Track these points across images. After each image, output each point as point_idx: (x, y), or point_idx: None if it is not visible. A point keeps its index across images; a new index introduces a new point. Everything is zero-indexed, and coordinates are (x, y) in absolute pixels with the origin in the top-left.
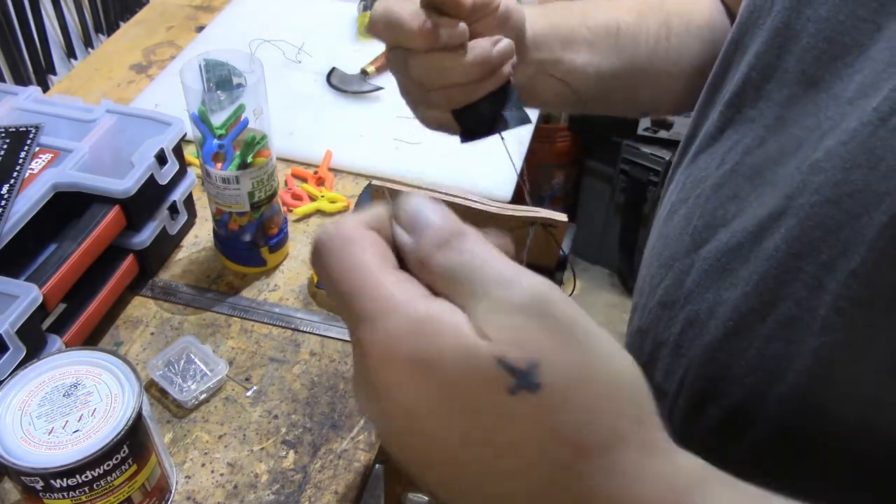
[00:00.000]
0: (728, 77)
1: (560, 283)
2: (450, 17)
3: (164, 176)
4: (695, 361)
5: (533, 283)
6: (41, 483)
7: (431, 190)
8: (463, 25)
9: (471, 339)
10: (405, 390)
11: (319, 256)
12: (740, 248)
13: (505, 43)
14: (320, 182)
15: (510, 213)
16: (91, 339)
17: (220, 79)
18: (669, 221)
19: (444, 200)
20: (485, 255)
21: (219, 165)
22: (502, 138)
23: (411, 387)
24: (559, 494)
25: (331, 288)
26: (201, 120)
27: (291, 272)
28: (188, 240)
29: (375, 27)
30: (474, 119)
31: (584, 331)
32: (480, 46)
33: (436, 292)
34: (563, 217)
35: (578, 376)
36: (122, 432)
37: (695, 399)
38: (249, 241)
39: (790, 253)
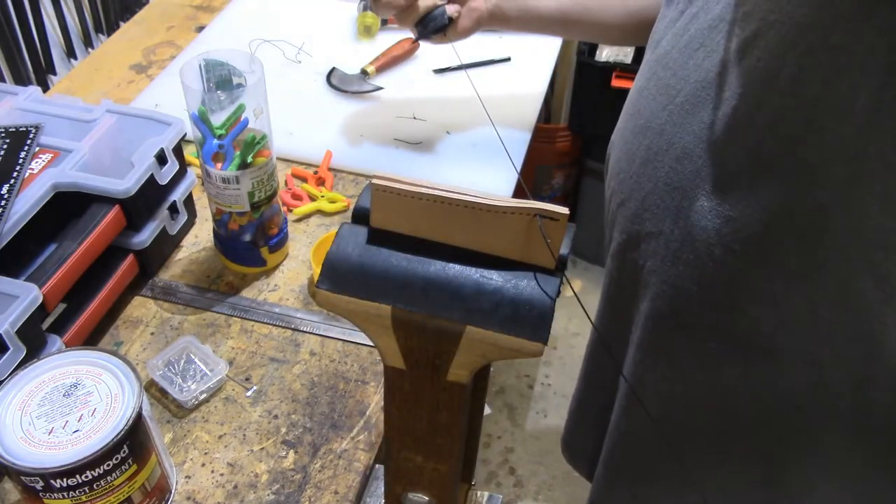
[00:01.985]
0: None
1: (561, 282)
2: None
3: (164, 176)
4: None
5: None
6: (41, 483)
7: (429, 186)
8: None
9: None
10: None
11: None
12: (718, 76)
13: None
14: (320, 182)
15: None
16: (91, 339)
17: (220, 79)
18: (640, 98)
19: (441, 197)
20: None
21: (219, 165)
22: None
23: None
24: None
25: None
26: (201, 120)
27: (291, 272)
28: (188, 240)
29: None
30: (423, 25)
31: None
32: None
33: None
34: (564, 210)
35: None
36: (122, 432)
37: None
38: (249, 241)
39: (773, 57)
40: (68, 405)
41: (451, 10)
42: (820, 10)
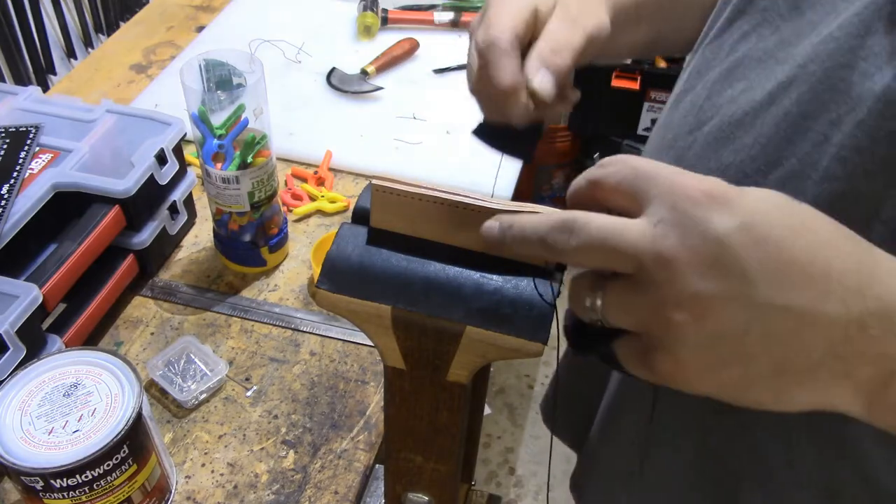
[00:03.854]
0: None
1: (560, 282)
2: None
3: (164, 176)
4: None
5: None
6: (41, 483)
7: (429, 187)
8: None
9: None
10: (739, 216)
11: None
12: (745, 117)
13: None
14: (320, 182)
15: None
16: (91, 339)
17: (220, 79)
18: (674, 110)
19: (441, 198)
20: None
21: (219, 165)
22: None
23: (772, 207)
24: (864, 255)
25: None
26: (201, 120)
27: (291, 272)
28: (188, 240)
29: (484, 49)
30: (496, 134)
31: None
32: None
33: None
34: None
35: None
36: (122, 432)
37: None
38: (249, 241)
39: (799, 114)
40: (68, 405)
41: (546, 85)
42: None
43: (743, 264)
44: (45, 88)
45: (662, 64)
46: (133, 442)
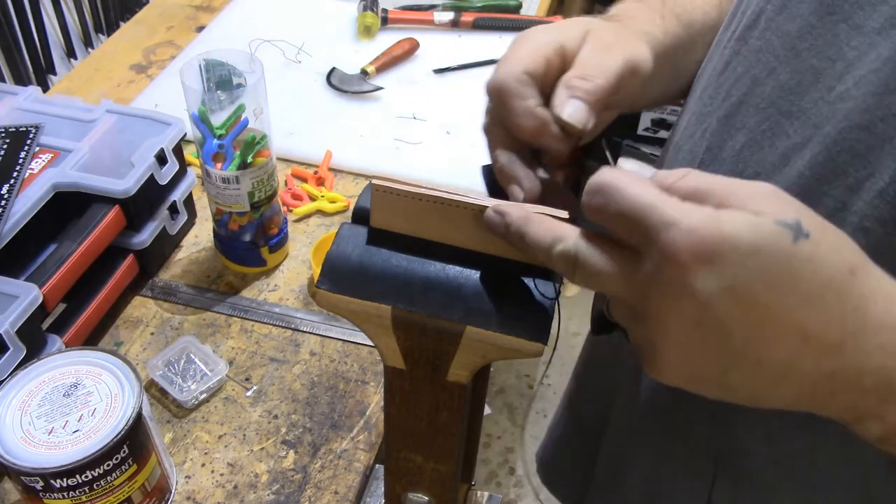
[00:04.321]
0: (739, 11)
1: (560, 282)
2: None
3: (164, 176)
4: None
5: (760, 182)
6: (41, 483)
7: (429, 187)
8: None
9: (751, 216)
10: (730, 269)
11: (608, 190)
12: (757, 178)
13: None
14: (320, 182)
15: None
16: (91, 339)
17: (220, 79)
18: (673, 160)
19: (441, 198)
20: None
21: (219, 165)
22: None
23: (734, 261)
24: (849, 314)
25: (626, 208)
26: (201, 120)
27: (291, 272)
28: (188, 240)
29: (492, 91)
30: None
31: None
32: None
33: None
34: (563, 213)
35: (822, 224)
36: (122, 432)
37: None
38: (249, 241)
39: (814, 178)
40: (68, 405)
41: (578, 115)
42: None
43: (724, 328)
44: (45, 88)
45: None
46: (133, 442)
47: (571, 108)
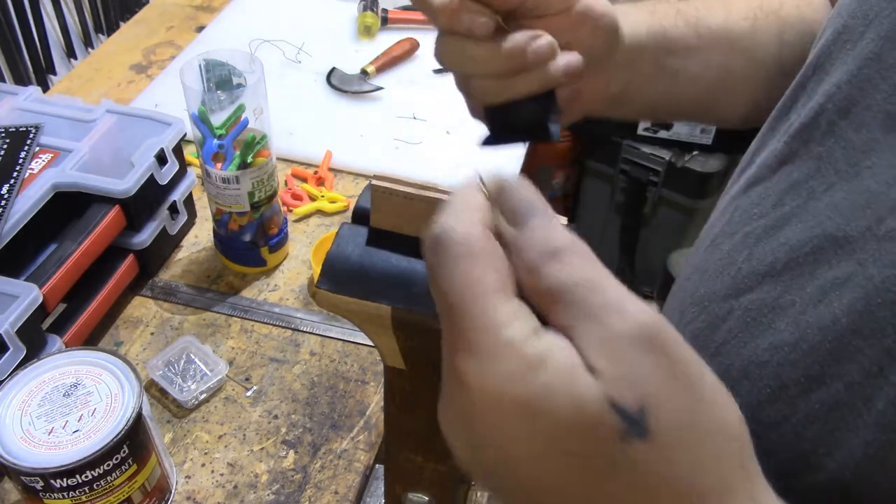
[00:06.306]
0: (798, 104)
1: None
2: (486, 4)
3: (164, 176)
4: None
5: (643, 311)
6: (41, 483)
7: (430, 187)
8: (488, 18)
9: (582, 381)
10: (511, 432)
11: (436, 256)
12: (792, 308)
13: (545, 41)
14: (320, 182)
15: None
16: (91, 339)
17: (220, 79)
18: (710, 255)
19: (442, 199)
20: (594, 274)
21: (219, 165)
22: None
23: (519, 429)
24: None
25: (439, 294)
26: (201, 120)
27: (291, 272)
28: (188, 240)
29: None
30: (502, 121)
31: (696, 373)
32: (514, 39)
33: (540, 302)
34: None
35: (688, 422)
36: (122, 432)
37: None
38: (249, 241)
39: (850, 328)
40: (68, 405)
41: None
42: None
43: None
44: (45, 88)
45: None
46: (133, 442)
47: None
